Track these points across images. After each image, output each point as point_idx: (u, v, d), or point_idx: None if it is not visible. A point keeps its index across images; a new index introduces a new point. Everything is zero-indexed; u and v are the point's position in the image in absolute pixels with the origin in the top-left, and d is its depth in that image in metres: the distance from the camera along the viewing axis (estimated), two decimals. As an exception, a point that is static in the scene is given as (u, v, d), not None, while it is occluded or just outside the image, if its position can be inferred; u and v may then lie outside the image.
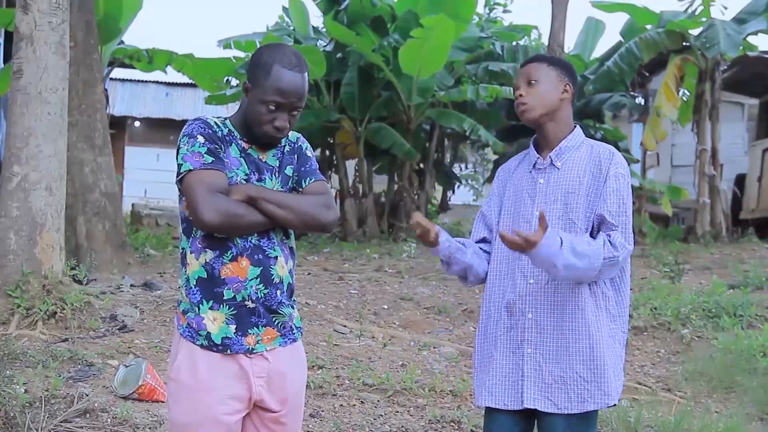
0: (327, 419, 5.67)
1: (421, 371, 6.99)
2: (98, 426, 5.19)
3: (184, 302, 3.01)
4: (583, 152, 3.36)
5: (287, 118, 2.97)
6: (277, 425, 3.06)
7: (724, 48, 15.98)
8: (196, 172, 2.88)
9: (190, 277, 2.99)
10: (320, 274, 11.77)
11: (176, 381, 2.99)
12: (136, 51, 16.81)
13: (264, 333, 2.98)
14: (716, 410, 6.44)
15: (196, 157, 2.90)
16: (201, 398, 2.93)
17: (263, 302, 2.96)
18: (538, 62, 3.44)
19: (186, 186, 2.90)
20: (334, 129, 19.26)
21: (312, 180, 3.08)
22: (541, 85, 3.36)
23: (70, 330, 7.32)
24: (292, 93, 2.95)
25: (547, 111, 3.36)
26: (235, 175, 2.95)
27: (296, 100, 2.96)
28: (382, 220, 19.35)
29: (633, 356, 7.98)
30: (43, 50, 7.67)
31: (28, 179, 7.60)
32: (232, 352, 2.94)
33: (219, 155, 2.94)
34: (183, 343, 2.99)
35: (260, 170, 3.01)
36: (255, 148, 3.04)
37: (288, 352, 3.06)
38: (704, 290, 9.88)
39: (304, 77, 2.99)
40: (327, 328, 8.34)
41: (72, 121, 9.73)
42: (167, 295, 9.01)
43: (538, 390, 3.26)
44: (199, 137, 2.94)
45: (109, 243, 11.47)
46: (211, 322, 2.93)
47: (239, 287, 2.93)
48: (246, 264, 2.93)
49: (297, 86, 2.96)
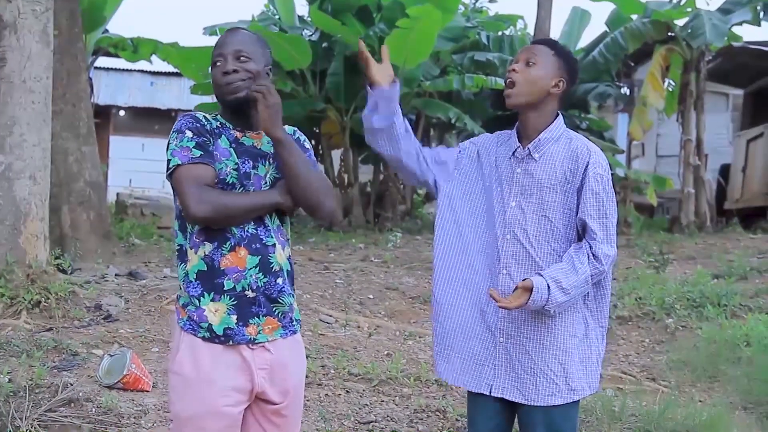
0: (312, 409, 5.66)
1: (406, 361, 7.00)
2: (83, 415, 5.17)
3: (183, 296, 3.00)
4: (561, 145, 3.27)
5: (232, 62, 2.99)
6: (278, 417, 3.07)
7: (709, 38, 16.03)
8: (184, 167, 2.89)
9: (190, 272, 2.98)
10: (306, 264, 11.75)
11: (179, 374, 2.99)
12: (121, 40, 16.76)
13: (265, 323, 2.98)
14: (700, 399, 6.47)
15: (185, 152, 2.90)
16: (204, 391, 2.93)
17: (263, 291, 2.96)
18: (545, 45, 3.33)
19: (175, 181, 2.90)
20: (320, 119, 19.25)
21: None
22: (538, 69, 3.23)
23: (55, 319, 7.29)
24: (228, 42, 3.02)
25: (533, 99, 3.24)
26: (225, 166, 2.95)
27: (233, 45, 3.01)
28: (368, 210, 19.36)
29: (618, 345, 8.01)
30: (27, 38, 7.62)
31: (12, 168, 7.56)
32: (234, 343, 2.94)
33: (208, 148, 2.94)
34: (184, 336, 2.98)
35: (254, 158, 3.01)
36: (249, 135, 3.04)
37: (289, 344, 3.06)
38: (689, 280, 9.91)
39: (241, 31, 3.08)
40: (312, 318, 8.33)
41: (56, 110, 9.67)
42: (152, 284, 8.99)
43: (508, 379, 3.25)
44: (188, 132, 2.95)
45: (93, 232, 11.44)
46: (212, 313, 2.93)
47: (239, 277, 2.93)
48: (244, 253, 2.93)
49: (232, 36, 3.05)
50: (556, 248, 3.22)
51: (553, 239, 3.22)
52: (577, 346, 3.24)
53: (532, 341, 3.22)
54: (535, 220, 3.23)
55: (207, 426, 2.94)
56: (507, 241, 3.25)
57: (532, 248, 3.22)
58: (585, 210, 3.17)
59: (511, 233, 3.25)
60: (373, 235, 16.50)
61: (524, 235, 3.23)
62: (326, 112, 18.58)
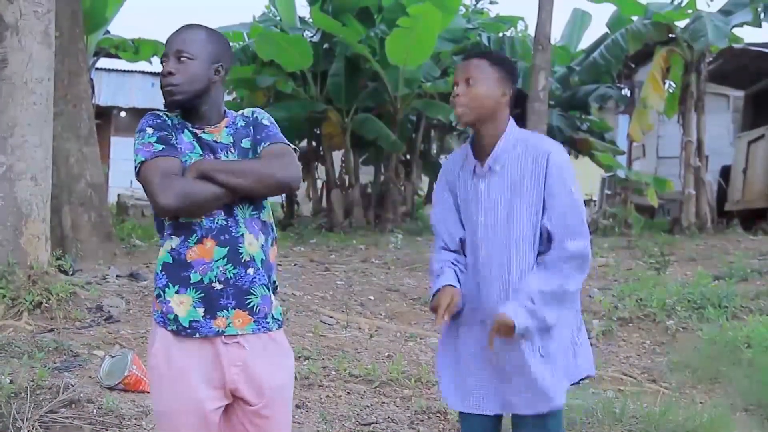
0: (313, 410, 5.66)
1: (407, 362, 7.00)
2: (84, 416, 5.17)
3: (156, 289, 3.00)
4: (518, 151, 3.24)
5: (172, 62, 2.95)
6: (259, 419, 3.02)
7: (712, 39, 16.03)
8: (148, 162, 2.87)
9: (157, 263, 2.99)
10: (306, 265, 11.76)
11: (153, 368, 2.99)
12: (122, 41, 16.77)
13: (234, 316, 2.93)
14: (701, 401, 6.46)
15: (147, 148, 2.90)
16: (175, 385, 2.92)
17: (233, 283, 2.91)
18: (479, 59, 3.28)
19: (142, 177, 2.89)
20: (321, 120, 19.26)
21: (267, 144, 3.02)
22: (480, 87, 3.22)
23: (56, 320, 7.29)
24: (171, 41, 2.98)
25: (484, 116, 3.24)
26: (189, 159, 2.93)
27: (176, 44, 2.96)
28: (369, 211, 19.38)
29: (618, 347, 8.01)
30: (28, 40, 7.62)
31: (14, 169, 7.56)
32: (200, 335, 2.91)
33: (170, 142, 2.93)
34: (158, 330, 2.98)
35: (214, 150, 2.98)
36: (207, 131, 3.01)
37: (263, 343, 3.01)
38: (689, 281, 9.91)
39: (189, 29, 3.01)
40: (313, 319, 8.34)
41: (57, 111, 9.67)
42: (153, 285, 8.98)
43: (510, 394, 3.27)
44: (148, 129, 2.94)
45: (94, 233, 11.44)
46: (178, 305, 2.91)
47: (205, 269, 2.90)
48: (211, 245, 2.90)
49: (177, 33, 3.00)
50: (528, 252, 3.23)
51: (524, 244, 3.22)
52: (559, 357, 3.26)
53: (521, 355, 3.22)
54: (506, 229, 3.23)
55: (179, 420, 2.93)
56: (483, 256, 3.27)
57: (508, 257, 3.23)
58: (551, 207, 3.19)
59: (485, 247, 3.26)
60: (373, 236, 16.51)
61: (498, 246, 3.25)
62: (327, 113, 18.59)
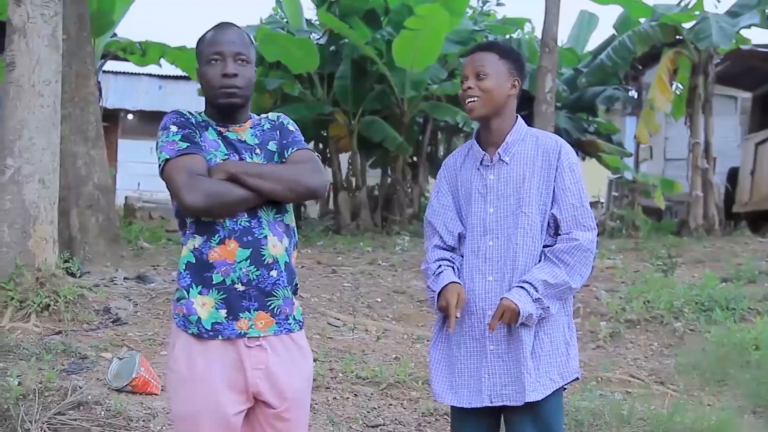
0: (320, 412, 5.67)
1: (414, 364, 6.99)
2: (92, 418, 5.18)
3: (179, 291, 2.97)
4: (528, 144, 3.30)
5: (232, 63, 2.94)
6: (280, 422, 2.99)
7: (716, 40, 16.01)
8: (173, 160, 2.86)
9: (180, 263, 2.96)
10: (314, 267, 11.77)
11: (174, 371, 2.96)
12: (129, 44, 16.78)
13: (256, 317, 2.91)
14: (709, 403, 6.45)
15: (171, 146, 2.88)
16: (197, 389, 2.89)
17: (256, 284, 2.90)
18: (488, 52, 3.30)
19: (166, 175, 2.87)
20: (328, 122, 19.27)
21: (294, 149, 3.03)
22: (490, 80, 3.25)
23: (64, 323, 7.31)
24: (226, 40, 2.96)
25: (494, 109, 3.27)
26: (214, 157, 2.92)
27: (234, 46, 2.95)
28: (376, 213, 19.37)
29: (626, 349, 8.00)
30: (36, 43, 7.64)
31: (21, 172, 7.58)
32: (223, 338, 2.89)
33: (194, 140, 2.91)
34: (179, 333, 2.96)
35: (239, 151, 2.97)
36: (232, 130, 3.01)
37: (286, 345, 2.99)
38: (697, 283, 9.89)
39: (234, 29, 3.01)
40: (320, 321, 8.34)
41: (65, 114, 9.70)
42: (161, 288, 9.01)
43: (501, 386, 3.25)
44: (172, 127, 2.93)
45: (102, 236, 11.46)
46: (200, 306, 2.89)
47: (228, 270, 2.87)
48: (234, 246, 2.87)
49: (228, 33, 2.99)
50: (535, 241, 3.25)
51: (531, 233, 3.24)
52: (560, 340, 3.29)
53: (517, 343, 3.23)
54: (514, 220, 3.25)
55: (201, 425, 2.90)
56: (490, 247, 3.28)
57: (514, 247, 3.24)
58: (567, 200, 3.23)
59: (494, 239, 3.27)
60: (380, 238, 16.51)
61: (505, 236, 3.26)
62: (334, 116, 18.60)
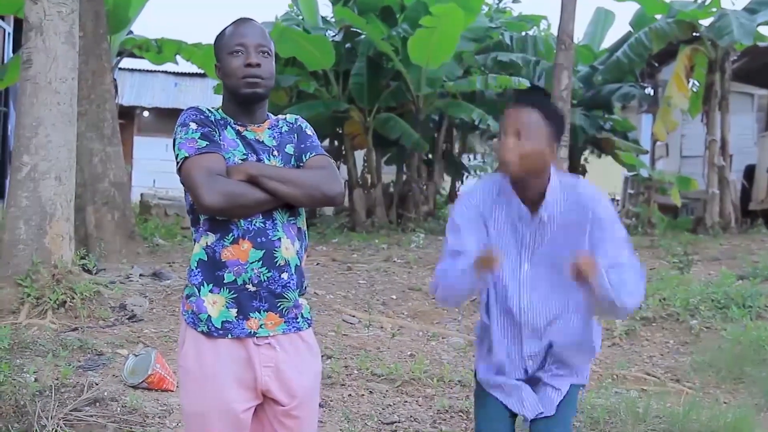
0: (336, 409, 5.67)
1: (429, 361, 7.00)
2: (108, 415, 5.20)
3: (189, 287, 2.97)
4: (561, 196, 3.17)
5: (255, 54, 2.95)
6: (289, 419, 3.00)
7: (737, 36, 15.89)
8: (192, 158, 2.85)
9: (192, 260, 2.96)
10: (329, 264, 11.78)
11: (184, 368, 2.97)
12: (145, 41, 16.79)
13: (266, 318, 2.92)
14: (725, 401, 6.43)
15: (191, 144, 2.88)
16: (207, 386, 2.90)
17: (267, 286, 2.90)
18: (532, 110, 3.11)
19: (184, 173, 2.87)
20: (343, 119, 19.25)
21: (312, 154, 3.04)
22: (532, 143, 3.08)
23: (80, 319, 7.34)
24: (249, 32, 2.98)
25: (531, 171, 3.12)
26: (232, 156, 2.92)
27: (256, 38, 2.97)
28: (391, 210, 19.34)
29: (642, 347, 7.98)
30: (52, 40, 7.66)
31: (38, 169, 7.61)
32: (232, 336, 2.90)
33: (213, 138, 2.91)
34: (188, 331, 2.96)
35: (257, 151, 2.97)
36: (250, 129, 3.02)
37: (295, 342, 3.00)
38: (713, 281, 9.84)
39: (255, 23, 3.04)
40: (336, 318, 8.35)
41: (81, 111, 9.73)
42: (176, 284, 9.02)
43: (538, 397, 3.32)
44: (192, 124, 2.93)
45: (118, 233, 11.51)
46: (211, 305, 2.90)
47: (240, 270, 2.87)
48: (248, 246, 2.87)
49: (250, 26, 3.01)
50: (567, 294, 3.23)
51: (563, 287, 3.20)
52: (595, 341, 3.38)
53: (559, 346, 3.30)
54: (548, 275, 3.22)
55: (211, 422, 2.91)
56: (523, 299, 3.26)
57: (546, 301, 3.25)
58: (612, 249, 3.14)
59: (528, 293, 3.26)
60: (396, 235, 16.50)
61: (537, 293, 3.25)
62: (349, 113, 18.58)
